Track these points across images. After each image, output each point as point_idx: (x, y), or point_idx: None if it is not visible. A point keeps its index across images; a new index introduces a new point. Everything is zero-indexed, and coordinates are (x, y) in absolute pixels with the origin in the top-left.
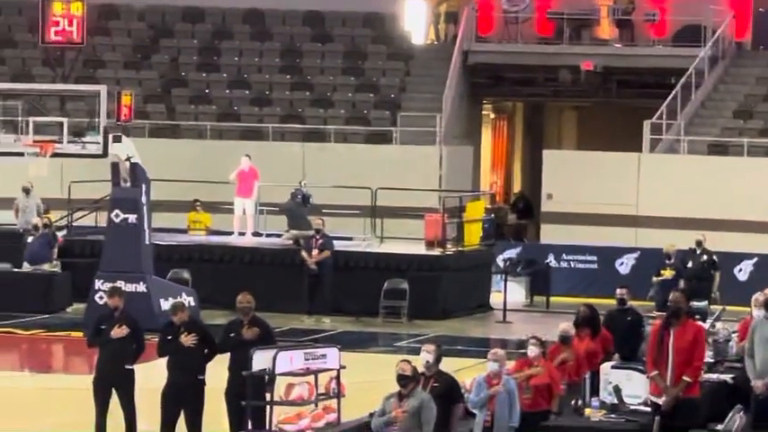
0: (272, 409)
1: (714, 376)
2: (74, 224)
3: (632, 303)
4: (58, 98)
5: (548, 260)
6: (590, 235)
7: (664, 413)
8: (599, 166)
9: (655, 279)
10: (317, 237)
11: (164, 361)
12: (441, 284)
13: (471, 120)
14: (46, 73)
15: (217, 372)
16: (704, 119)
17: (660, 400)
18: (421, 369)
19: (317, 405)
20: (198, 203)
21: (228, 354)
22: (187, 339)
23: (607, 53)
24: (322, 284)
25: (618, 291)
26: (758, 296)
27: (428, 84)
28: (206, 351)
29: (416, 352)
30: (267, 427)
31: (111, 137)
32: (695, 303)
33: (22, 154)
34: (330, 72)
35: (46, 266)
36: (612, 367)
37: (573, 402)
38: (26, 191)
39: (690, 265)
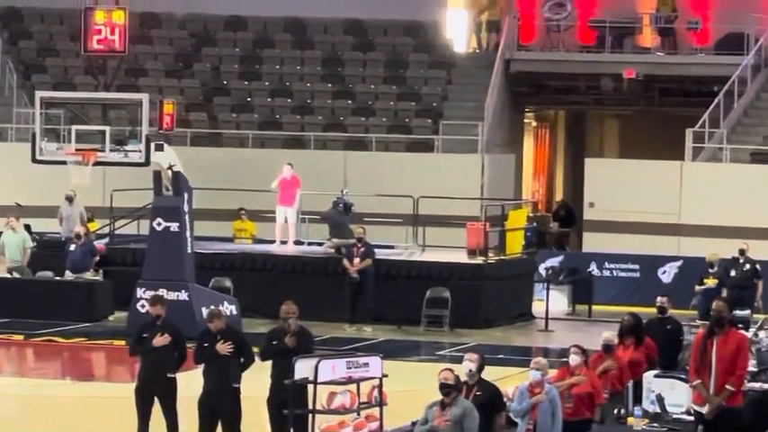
0: (314, 417)
1: (757, 385)
2: (116, 233)
3: (673, 312)
4: (100, 107)
5: (590, 269)
6: (632, 243)
7: (707, 422)
8: (641, 174)
9: (697, 288)
10: (359, 245)
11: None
12: (483, 293)
13: (513, 128)
14: (88, 81)
15: (258, 379)
16: (747, 127)
17: (703, 410)
18: (463, 378)
19: (359, 413)
20: (243, 212)
21: (270, 362)
22: (223, 347)
23: (649, 61)
24: (364, 293)
25: (658, 299)
26: None
27: (470, 92)
28: (242, 360)
29: (459, 361)
30: None
31: (153, 145)
32: (738, 312)
33: (64, 162)
34: (372, 81)
35: (88, 275)
36: (655, 376)
37: (615, 411)
38: (69, 199)
39: (733, 273)
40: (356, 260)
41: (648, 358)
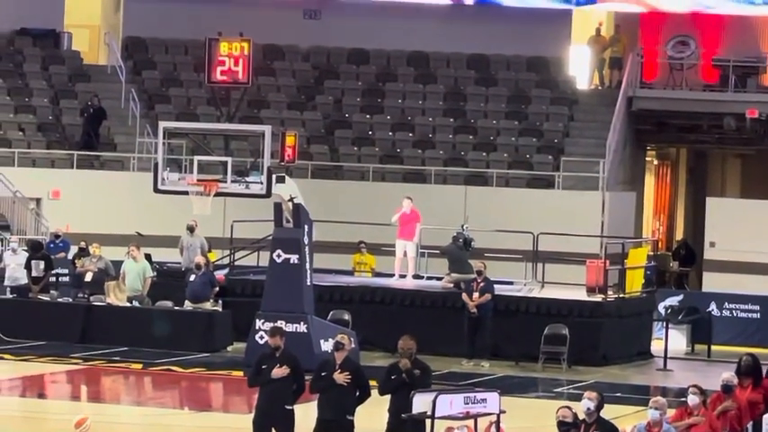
0: None
1: None
2: (235, 263)
3: None
4: (223, 137)
5: (710, 308)
6: (753, 284)
7: None
8: (763, 214)
9: None
10: (479, 280)
11: None
12: (601, 331)
13: (634, 166)
14: (210, 112)
15: (376, 413)
16: None
17: None
18: (581, 416)
19: None
20: (363, 245)
21: (389, 396)
22: (340, 377)
23: None
24: (482, 328)
25: None
26: None
27: (592, 129)
28: (358, 393)
29: (576, 398)
30: None
31: (274, 177)
32: None
33: (186, 192)
34: (493, 116)
35: (207, 305)
36: None
37: None
38: (190, 229)
39: None
40: (475, 295)
41: (766, 399)
